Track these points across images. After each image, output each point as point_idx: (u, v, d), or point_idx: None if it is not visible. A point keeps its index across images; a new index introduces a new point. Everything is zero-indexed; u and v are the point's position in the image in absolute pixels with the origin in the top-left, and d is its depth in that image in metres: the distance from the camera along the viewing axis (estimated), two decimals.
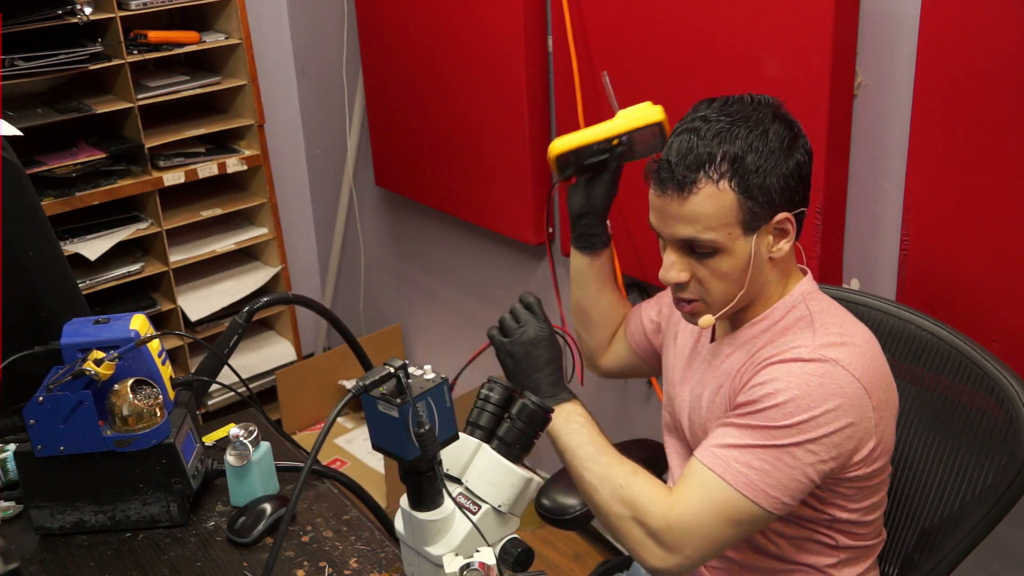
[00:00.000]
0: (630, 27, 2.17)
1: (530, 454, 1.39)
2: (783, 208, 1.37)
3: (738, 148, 1.33)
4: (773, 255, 1.40)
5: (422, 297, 3.37)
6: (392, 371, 1.14)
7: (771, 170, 1.34)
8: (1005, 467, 1.44)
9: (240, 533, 1.50)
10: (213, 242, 3.21)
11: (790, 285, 1.46)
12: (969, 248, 1.73)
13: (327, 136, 3.51)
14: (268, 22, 3.40)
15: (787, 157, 1.35)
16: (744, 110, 1.36)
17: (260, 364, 3.39)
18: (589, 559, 2.75)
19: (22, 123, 2.62)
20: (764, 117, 1.36)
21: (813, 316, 1.42)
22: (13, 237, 1.56)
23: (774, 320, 1.44)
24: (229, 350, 1.61)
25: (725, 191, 1.33)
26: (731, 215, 1.34)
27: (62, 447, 1.48)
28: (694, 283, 1.41)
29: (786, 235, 1.39)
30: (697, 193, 1.34)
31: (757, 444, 1.34)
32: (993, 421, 1.48)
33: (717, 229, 1.35)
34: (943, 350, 1.56)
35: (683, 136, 1.36)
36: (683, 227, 1.36)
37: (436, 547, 1.21)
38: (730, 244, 1.36)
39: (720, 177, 1.33)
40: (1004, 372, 1.48)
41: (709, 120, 1.36)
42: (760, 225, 1.36)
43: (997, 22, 1.59)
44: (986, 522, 1.44)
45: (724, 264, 1.37)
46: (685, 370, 1.58)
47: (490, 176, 2.71)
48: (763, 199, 1.34)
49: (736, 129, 1.34)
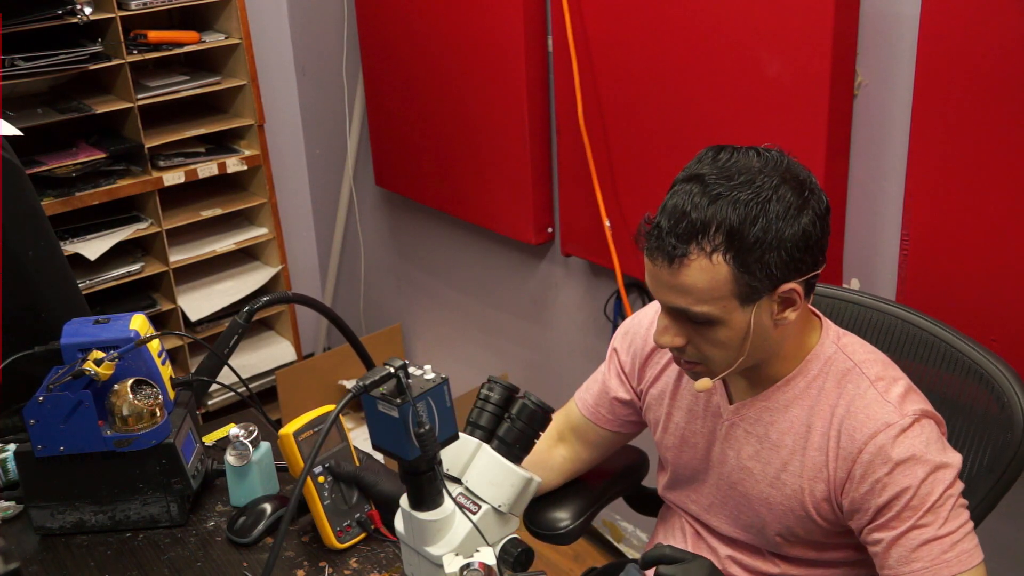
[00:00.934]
0: (630, 27, 2.17)
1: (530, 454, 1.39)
2: (787, 279, 1.25)
3: (735, 219, 1.21)
4: (778, 323, 1.30)
5: (422, 297, 3.37)
6: (392, 371, 1.14)
7: (771, 244, 1.22)
8: (999, 455, 1.46)
9: (240, 533, 1.50)
10: (213, 242, 3.21)
11: (808, 339, 1.39)
12: (969, 248, 1.73)
13: (327, 136, 3.51)
14: (268, 22, 3.40)
15: (791, 226, 1.23)
16: (748, 172, 1.24)
17: (260, 364, 3.39)
18: (589, 559, 2.75)
19: (22, 123, 2.62)
20: (769, 180, 1.23)
21: (860, 367, 1.35)
22: (13, 237, 1.56)
23: (811, 376, 1.37)
24: (229, 350, 1.61)
25: (719, 264, 1.22)
26: (725, 289, 1.24)
27: (62, 447, 1.48)
28: (692, 348, 1.32)
29: (792, 304, 1.29)
30: (688, 266, 1.23)
31: (940, 524, 1.29)
32: (986, 411, 1.49)
33: (710, 302, 1.25)
34: (932, 343, 1.56)
35: (678, 197, 1.25)
36: (674, 297, 1.27)
37: (436, 547, 1.21)
38: (726, 316, 1.26)
39: (714, 250, 1.22)
40: (996, 363, 1.49)
41: (707, 182, 1.24)
42: (759, 298, 1.26)
43: (997, 22, 1.59)
44: (981, 508, 1.46)
45: (720, 334, 1.28)
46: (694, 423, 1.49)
47: (490, 176, 2.70)
48: (762, 274, 1.23)
49: (736, 194, 1.22)
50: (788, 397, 1.38)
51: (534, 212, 2.62)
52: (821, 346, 1.38)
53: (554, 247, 2.71)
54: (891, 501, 1.30)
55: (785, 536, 1.43)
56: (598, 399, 1.60)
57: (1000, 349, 1.59)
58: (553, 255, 2.73)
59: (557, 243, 2.67)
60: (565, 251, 2.59)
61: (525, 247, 2.78)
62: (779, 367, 1.38)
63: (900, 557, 1.31)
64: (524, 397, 1.29)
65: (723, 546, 1.52)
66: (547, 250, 2.75)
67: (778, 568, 1.48)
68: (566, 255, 2.62)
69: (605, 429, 1.61)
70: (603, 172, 2.33)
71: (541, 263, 2.78)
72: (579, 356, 2.76)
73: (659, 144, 2.19)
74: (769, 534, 1.44)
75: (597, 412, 1.60)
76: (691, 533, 1.57)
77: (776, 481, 1.40)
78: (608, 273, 2.49)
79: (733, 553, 1.51)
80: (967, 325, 1.63)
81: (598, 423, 1.61)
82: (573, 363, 2.79)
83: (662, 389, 1.52)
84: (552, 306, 2.81)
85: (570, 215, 2.51)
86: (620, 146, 2.29)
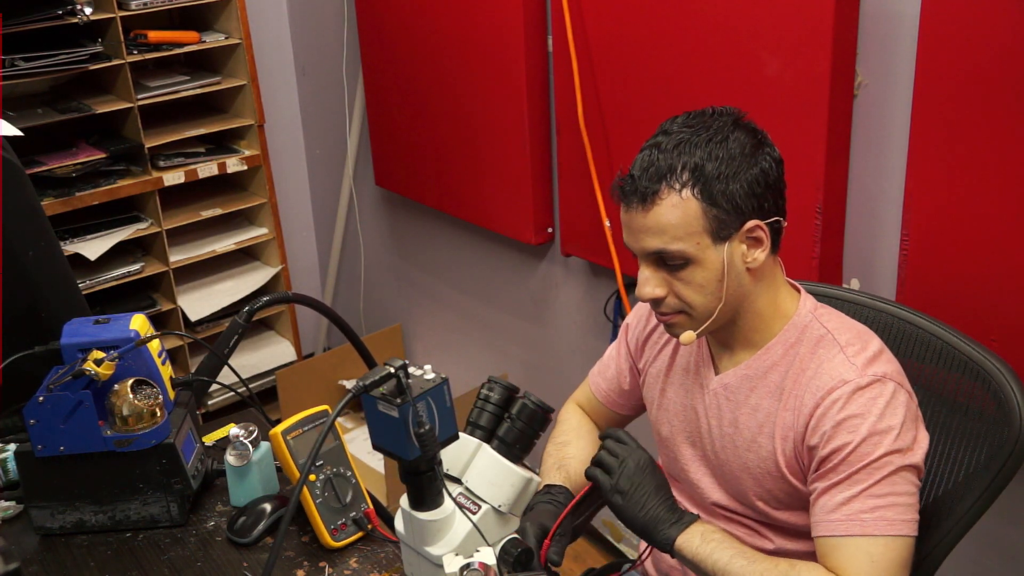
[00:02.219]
0: (630, 27, 2.17)
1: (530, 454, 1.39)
2: (752, 215, 1.35)
3: (698, 158, 1.33)
4: (749, 265, 1.38)
5: (422, 297, 3.37)
6: (392, 371, 1.14)
7: (733, 176, 1.33)
8: (996, 452, 1.46)
9: (240, 533, 1.50)
10: (213, 242, 3.21)
11: (785, 304, 1.45)
12: (969, 248, 1.73)
13: (327, 136, 3.51)
14: (268, 22, 3.40)
15: (750, 164, 1.35)
16: (704, 120, 1.37)
17: (260, 364, 3.39)
18: (589, 559, 2.75)
19: (22, 123, 2.62)
20: (724, 126, 1.36)
21: (832, 334, 1.42)
22: (13, 237, 1.56)
23: (788, 343, 1.43)
24: (229, 350, 1.61)
25: (688, 199, 1.33)
26: (697, 224, 1.33)
27: (62, 447, 1.48)
28: (672, 298, 1.39)
29: (760, 244, 1.37)
30: (660, 204, 1.33)
31: (869, 484, 1.33)
32: (983, 409, 1.50)
33: (684, 239, 1.34)
34: (930, 341, 1.57)
35: (645, 152, 1.37)
36: (651, 239, 1.35)
37: (436, 547, 1.21)
38: (700, 254, 1.35)
39: (682, 186, 1.33)
40: (993, 360, 1.49)
41: (669, 133, 1.37)
42: (730, 233, 1.35)
43: (997, 22, 1.59)
44: (979, 505, 1.47)
45: (697, 275, 1.36)
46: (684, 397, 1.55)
47: (490, 176, 2.71)
48: (728, 206, 1.33)
49: (695, 139, 1.34)
50: (767, 364, 1.44)
51: (534, 212, 2.62)
52: (798, 315, 1.44)
53: (554, 247, 2.71)
54: (832, 454, 1.35)
55: (767, 500, 1.47)
56: (611, 385, 1.70)
57: (1000, 349, 1.59)
58: (553, 255, 2.73)
59: (557, 243, 2.67)
60: (565, 251, 2.59)
61: (525, 247, 2.78)
62: (758, 329, 1.44)
63: (824, 506, 1.35)
64: (524, 397, 1.30)
65: (718, 521, 1.55)
66: (547, 250, 2.75)
67: (773, 544, 1.51)
68: (566, 255, 2.62)
69: (617, 413, 1.71)
70: (603, 172, 2.33)
71: (541, 263, 2.78)
72: (579, 356, 2.76)
73: None
74: (752, 499, 1.49)
75: (609, 397, 1.70)
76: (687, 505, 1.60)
77: (753, 444, 1.45)
78: (608, 273, 2.49)
79: (729, 528, 1.54)
80: (967, 325, 1.62)
81: (612, 408, 1.71)
82: (573, 363, 2.79)
83: (659, 368, 1.59)
84: (552, 306, 2.81)
85: (570, 215, 2.51)
86: (620, 146, 2.29)
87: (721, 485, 1.53)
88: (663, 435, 1.61)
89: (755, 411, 1.45)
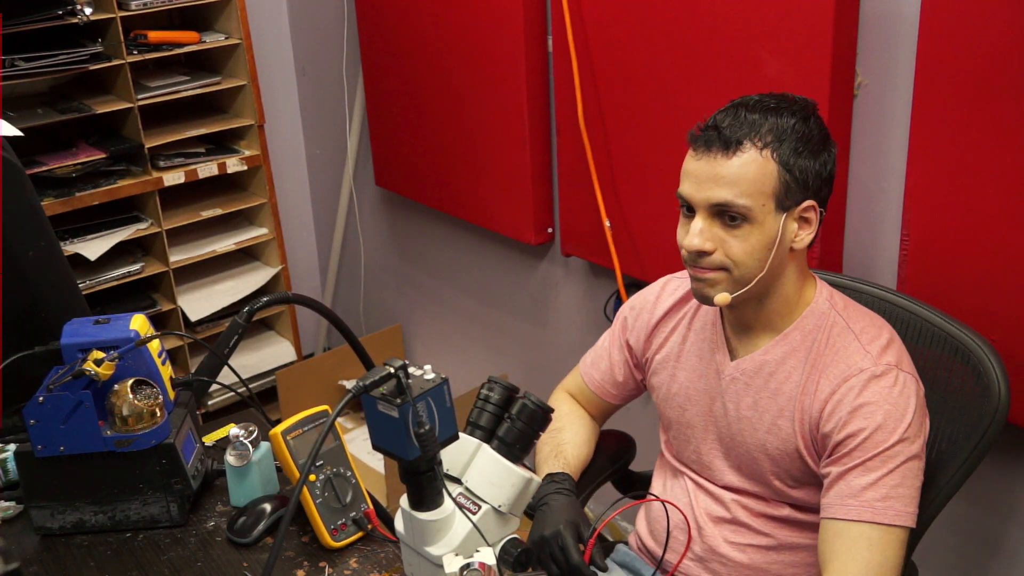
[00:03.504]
0: (630, 27, 2.17)
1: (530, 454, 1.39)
2: (813, 196, 1.41)
3: (784, 124, 1.39)
4: (795, 245, 1.43)
5: (422, 297, 3.37)
6: (392, 371, 1.14)
7: (809, 153, 1.39)
8: (976, 423, 1.53)
9: (240, 533, 1.50)
10: (213, 242, 3.21)
11: (807, 292, 1.50)
12: (969, 247, 1.73)
13: (327, 136, 3.51)
14: (268, 22, 3.40)
15: (822, 148, 1.42)
16: (788, 99, 1.43)
17: (260, 364, 3.39)
18: None
19: (22, 123, 2.62)
20: (806, 107, 1.43)
21: (848, 322, 1.47)
22: (13, 237, 1.56)
23: (807, 330, 1.48)
24: (229, 350, 1.61)
25: (768, 159, 1.38)
26: (769, 184, 1.38)
27: (62, 447, 1.48)
28: (719, 254, 1.41)
29: (809, 225, 1.43)
30: (741, 155, 1.38)
31: (884, 473, 1.37)
32: (962, 383, 1.57)
33: (754, 196, 1.37)
34: (908, 319, 1.64)
35: (729, 110, 1.42)
36: (721, 190, 1.38)
37: (436, 547, 1.21)
38: (761, 216, 1.38)
39: (764, 146, 1.38)
40: (972, 336, 1.57)
41: (754, 99, 1.43)
42: (792, 205, 1.40)
43: (997, 22, 1.59)
44: (960, 474, 1.54)
45: (753, 236, 1.39)
46: (698, 382, 1.59)
47: (490, 176, 2.70)
48: (800, 177, 1.39)
49: (782, 109, 1.40)
50: (785, 350, 1.49)
51: (534, 212, 2.62)
52: (816, 302, 1.49)
53: (554, 247, 2.71)
54: (847, 438, 1.39)
55: (784, 480, 1.52)
56: (604, 376, 1.76)
57: (1000, 348, 1.60)
58: (553, 255, 2.73)
59: (557, 243, 2.67)
60: (565, 251, 2.59)
61: (525, 247, 2.78)
62: (782, 313, 1.49)
63: (840, 491, 1.39)
64: (524, 397, 1.29)
65: (727, 493, 1.59)
66: (547, 250, 2.75)
67: (784, 512, 1.54)
68: (566, 255, 2.62)
69: (608, 403, 1.78)
70: (603, 172, 2.33)
71: (541, 263, 2.79)
72: (579, 356, 2.74)
73: (659, 144, 2.19)
74: (769, 479, 1.53)
75: (603, 387, 1.77)
76: (693, 487, 1.65)
77: (773, 427, 1.50)
78: (608, 273, 2.49)
79: (738, 498, 1.58)
80: (967, 323, 1.63)
81: (604, 398, 1.77)
82: (573, 363, 2.77)
83: (667, 354, 1.63)
84: (552, 306, 2.81)
85: (570, 215, 2.51)
86: (620, 146, 2.29)
87: (735, 467, 1.57)
88: (672, 419, 1.65)
89: (775, 395, 1.49)
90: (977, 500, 1.90)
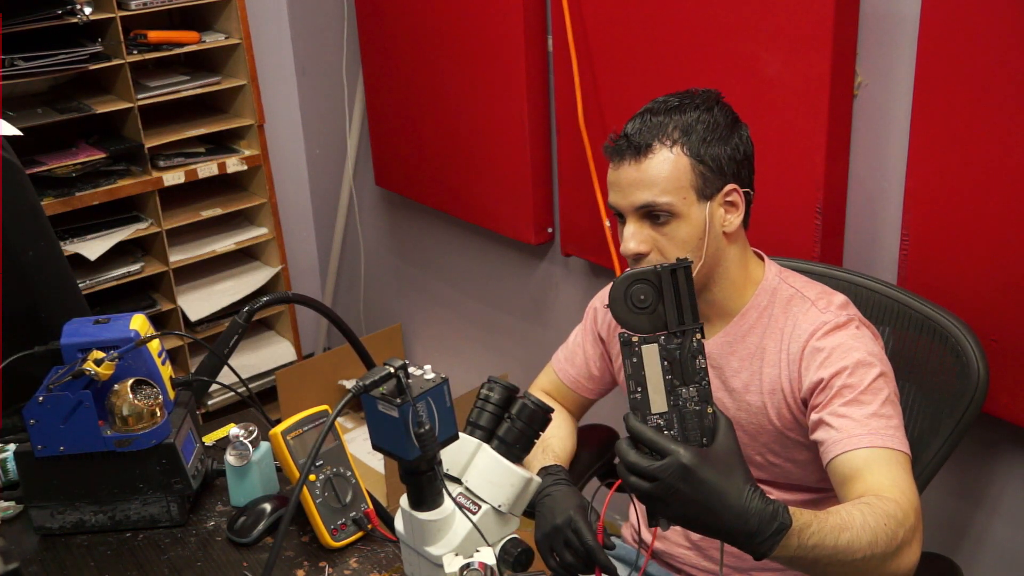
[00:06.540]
0: (630, 27, 2.17)
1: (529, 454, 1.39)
2: (732, 180, 1.47)
3: (688, 120, 1.45)
4: (726, 228, 1.48)
5: (422, 297, 3.37)
6: (392, 371, 1.14)
7: (718, 140, 1.45)
8: (956, 402, 1.60)
9: (240, 533, 1.50)
10: (213, 242, 3.21)
11: (754, 271, 1.55)
12: (969, 247, 1.73)
13: (327, 136, 3.51)
14: (268, 22, 3.40)
15: (731, 133, 1.47)
16: (690, 94, 1.50)
17: (260, 364, 3.39)
18: None
19: (22, 123, 2.62)
20: (708, 99, 1.49)
21: (801, 292, 1.53)
22: (13, 237, 1.56)
23: (761, 307, 1.53)
24: (229, 350, 1.61)
25: (679, 155, 1.44)
26: (685, 178, 1.44)
27: (62, 447, 1.48)
28: (655, 254, 1.47)
29: (736, 208, 1.48)
30: (652, 158, 1.44)
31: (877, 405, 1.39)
32: (941, 362, 1.64)
33: (673, 192, 1.44)
34: (886, 304, 1.70)
35: (636, 118, 1.49)
36: (641, 192, 1.45)
37: (436, 547, 1.21)
38: (685, 209, 1.44)
39: (673, 144, 1.44)
40: (949, 318, 1.63)
41: (658, 101, 1.50)
42: (712, 192, 1.46)
43: (997, 22, 1.59)
44: (943, 451, 1.61)
45: (681, 230, 1.45)
46: None
47: (490, 176, 2.70)
48: (714, 166, 1.45)
49: (684, 105, 1.47)
50: (743, 328, 1.54)
51: (534, 212, 2.62)
52: (766, 280, 1.54)
53: (554, 247, 2.71)
54: (832, 378, 1.42)
55: (765, 456, 1.55)
56: (580, 371, 1.78)
57: (1000, 348, 1.60)
58: (553, 255, 2.73)
59: (557, 243, 2.67)
60: (565, 251, 2.59)
61: (525, 247, 2.78)
62: (732, 297, 1.53)
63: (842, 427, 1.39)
64: (524, 397, 1.29)
65: None
66: (547, 250, 2.75)
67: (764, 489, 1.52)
68: (566, 255, 2.62)
69: (585, 398, 1.81)
70: (603, 172, 2.33)
71: (541, 263, 2.79)
72: None
73: None
74: (752, 455, 1.55)
75: (579, 382, 1.79)
76: None
77: (742, 403, 1.54)
78: (608, 273, 2.49)
79: None
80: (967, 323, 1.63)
81: (581, 392, 1.80)
82: None
83: None
84: (552, 306, 2.81)
85: (570, 215, 2.51)
86: None
87: None
88: None
89: (738, 373, 1.54)
90: (954, 490, 1.95)
